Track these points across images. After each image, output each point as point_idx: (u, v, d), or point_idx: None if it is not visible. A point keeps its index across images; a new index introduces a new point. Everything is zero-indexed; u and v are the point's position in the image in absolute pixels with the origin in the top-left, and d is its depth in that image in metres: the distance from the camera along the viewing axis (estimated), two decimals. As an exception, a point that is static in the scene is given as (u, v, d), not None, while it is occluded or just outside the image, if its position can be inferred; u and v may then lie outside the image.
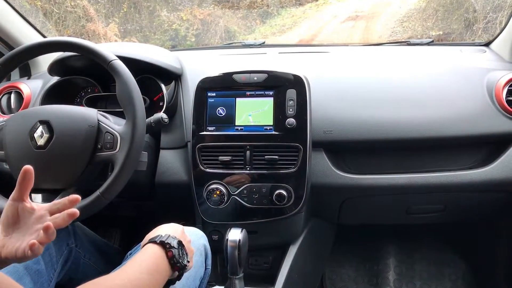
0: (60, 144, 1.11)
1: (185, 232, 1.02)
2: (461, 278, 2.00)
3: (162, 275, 0.83)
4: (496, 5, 3.82)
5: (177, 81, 1.53)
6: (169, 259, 0.85)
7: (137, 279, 0.75)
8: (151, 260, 0.82)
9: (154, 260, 0.83)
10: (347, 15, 6.20)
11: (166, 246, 0.86)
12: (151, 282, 0.78)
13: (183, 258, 0.88)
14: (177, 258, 0.86)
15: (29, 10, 3.31)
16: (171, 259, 0.85)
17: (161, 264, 0.83)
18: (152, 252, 0.84)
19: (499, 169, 1.41)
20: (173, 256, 0.85)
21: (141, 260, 0.82)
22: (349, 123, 1.42)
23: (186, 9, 5.68)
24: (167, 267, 0.84)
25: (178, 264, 0.86)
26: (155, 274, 0.80)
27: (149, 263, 0.81)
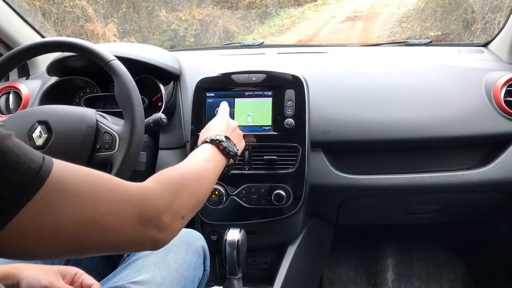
0: (58, 144, 1.11)
1: (183, 234, 1.10)
2: (460, 278, 2.00)
3: (219, 162, 1.00)
4: (495, 5, 3.82)
5: (176, 81, 1.53)
6: (221, 151, 1.02)
7: (201, 166, 0.92)
8: (207, 153, 0.99)
9: (209, 153, 1.00)
10: (346, 15, 6.21)
11: (216, 142, 1.02)
12: (210, 167, 0.95)
13: (232, 147, 1.06)
14: (228, 148, 1.03)
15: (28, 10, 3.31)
16: (223, 151, 1.02)
17: (215, 155, 1.01)
18: (206, 149, 1.01)
19: (497, 169, 1.42)
20: (224, 148, 1.02)
21: (199, 154, 0.99)
22: (348, 123, 1.42)
23: (185, 9, 5.68)
24: (221, 157, 1.02)
25: (230, 152, 1.04)
26: (212, 162, 0.97)
27: (206, 155, 0.99)
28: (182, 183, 0.80)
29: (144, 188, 0.72)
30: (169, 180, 0.78)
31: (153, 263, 1.02)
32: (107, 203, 0.65)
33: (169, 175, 0.80)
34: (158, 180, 0.77)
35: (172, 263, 1.03)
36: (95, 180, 0.66)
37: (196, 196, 0.84)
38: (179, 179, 0.80)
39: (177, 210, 0.75)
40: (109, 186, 0.67)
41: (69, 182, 0.61)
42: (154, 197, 0.72)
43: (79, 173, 0.65)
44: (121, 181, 0.69)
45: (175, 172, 0.84)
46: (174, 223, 0.74)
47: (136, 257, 1.05)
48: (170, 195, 0.75)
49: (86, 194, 0.62)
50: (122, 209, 0.66)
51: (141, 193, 0.70)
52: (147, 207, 0.70)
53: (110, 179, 0.68)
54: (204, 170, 0.91)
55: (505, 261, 1.80)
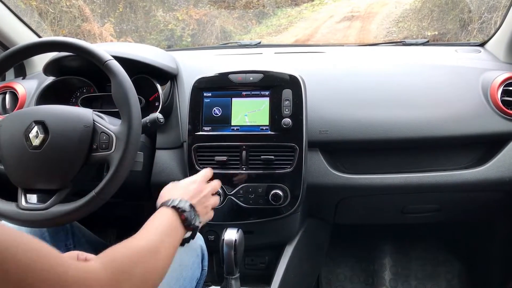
0: (55, 145, 1.11)
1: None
2: (457, 277, 2.01)
3: (178, 236, 0.90)
4: (491, 5, 3.83)
5: (173, 81, 1.53)
6: (182, 222, 0.92)
7: (158, 241, 0.82)
8: (167, 223, 0.89)
9: (169, 223, 0.90)
10: (343, 15, 6.22)
11: (179, 210, 0.93)
12: (169, 243, 0.85)
13: (195, 220, 0.96)
14: (190, 220, 0.93)
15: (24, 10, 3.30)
16: (184, 222, 0.92)
17: (175, 226, 0.91)
18: (166, 216, 0.91)
19: (494, 168, 1.42)
20: (185, 219, 0.93)
21: (158, 224, 0.88)
22: (345, 123, 1.42)
23: (182, 9, 5.68)
24: (181, 229, 0.92)
25: (191, 225, 0.94)
26: (172, 235, 0.88)
27: (165, 226, 0.88)
28: (133, 265, 0.71)
29: (88, 272, 0.64)
30: (118, 262, 0.70)
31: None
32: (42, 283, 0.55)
33: (119, 256, 0.71)
34: (106, 262, 0.68)
35: (170, 263, 1.03)
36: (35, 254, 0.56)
37: (151, 277, 0.75)
38: (130, 261, 0.72)
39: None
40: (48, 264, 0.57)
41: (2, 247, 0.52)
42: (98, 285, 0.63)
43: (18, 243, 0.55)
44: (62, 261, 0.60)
45: (127, 250, 0.74)
46: None
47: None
48: (119, 281, 0.67)
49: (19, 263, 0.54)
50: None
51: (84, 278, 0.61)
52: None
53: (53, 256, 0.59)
54: (161, 246, 0.82)
55: (502, 260, 1.81)
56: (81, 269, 0.62)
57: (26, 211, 1.10)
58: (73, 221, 1.26)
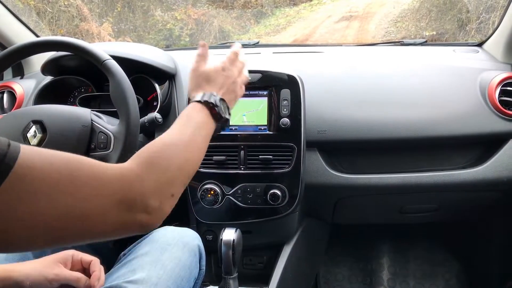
0: (53, 144, 1.10)
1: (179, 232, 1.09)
2: (455, 277, 2.01)
3: (209, 129, 0.93)
4: (489, 5, 3.84)
5: (171, 80, 1.53)
6: (213, 116, 0.94)
7: (190, 134, 0.85)
8: (198, 118, 0.91)
9: (201, 118, 0.91)
10: (341, 15, 6.22)
11: (210, 105, 0.93)
12: (201, 136, 0.88)
13: (225, 112, 0.97)
14: (220, 113, 0.94)
15: (22, 10, 3.30)
16: (214, 116, 0.94)
17: (207, 120, 0.92)
18: (198, 111, 0.92)
19: (491, 168, 1.42)
20: (216, 113, 0.94)
21: (190, 118, 0.90)
22: (343, 123, 1.42)
23: (180, 8, 5.67)
24: (212, 122, 0.94)
25: (222, 118, 0.95)
26: (203, 128, 0.90)
27: (197, 120, 0.90)
28: (168, 159, 0.75)
29: (126, 170, 0.68)
30: (154, 158, 0.73)
31: (149, 262, 1.02)
32: (86, 189, 0.61)
33: (153, 151, 0.75)
34: (141, 159, 0.72)
35: (168, 262, 1.03)
36: (71, 165, 0.61)
37: (185, 169, 0.79)
38: (165, 155, 0.75)
39: (164, 189, 0.71)
40: (87, 171, 0.63)
41: (40, 168, 0.57)
42: (137, 180, 0.67)
43: (52, 158, 0.60)
44: (100, 164, 0.65)
45: (161, 146, 0.78)
46: (163, 203, 0.71)
47: (132, 256, 1.05)
48: (155, 175, 0.70)
49: (61, 180, 0.59)
50: (103, 195, 0.63)
51: (122, 176, 0.66)
52: (131, 192, 0.66)
53: (88, 162, 0.64)
54: (193, 140, 0.85)
55: (499, 259, 1.81)
56: (120, 167, 0.68)
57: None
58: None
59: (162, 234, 1.11)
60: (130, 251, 1.10)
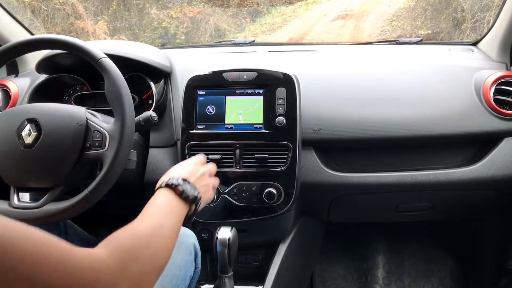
0: (48, 143, 1.10)
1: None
2: (449, 275, 2.02)
3: (178, 211, 0.90)
4: (484, 4, 3.85)
5: (167, 79, 1.52)
6: (179, 196, 0.92)
7: (157, 221, 0.82)
8: (164, 202, 0.90)
9: (166, 201, 0.90)
10: (337, 14, 6.22)
11: (172, 186, 0.93)
12: (170, 222, 0.85)
13: (193, 191, 0.96)
14: (187, 192, 0.93)
15: (17, 7, 3.28)
16: (180, 195, 0.92)
17: (173, 202, 0.91)
18: (162, 195, 0.92)
19: (486, 167, 1.43)
20: (182, 192, 0.93)
21: (156, 204, 0.89)
22: (338, 122, 1.42)
23: (176, 7, 5.66)
24: (180, 204, 0.92)
25: (189, 197, 0.94)
26: (171, 213, 0.88)
27: (163, 205, 0.89)
28: (138, 248, 0.72)
29: (97, 260, 0.64)
30: (123, 246, 0.70)
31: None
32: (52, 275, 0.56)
33: (122, 241, 0.72)
34: (110, 248, 0.68)
35: (163, 262, 1.03)
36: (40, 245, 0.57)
37: (156, 259, 0.76)
38: (135, 245, 0.72)
39: (135, 281, 0.68)
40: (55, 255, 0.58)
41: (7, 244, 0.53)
42: (107, 271, 0.64)
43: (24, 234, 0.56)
44: (69, 249, 0.61)
45: (129, 235, 0.75)
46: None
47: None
48: (126, 265, 0.67)
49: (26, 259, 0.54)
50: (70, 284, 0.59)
51: (92, 265, 0.62)
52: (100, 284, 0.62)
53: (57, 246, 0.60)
54: (161, 228, 0.81)
55: (494, 258, 1.82)
56: (89, 256, 0.63)
57: (18, 210, 1.10)
58: (66, 220, 1.25)
59: (157, 232, 1.11)
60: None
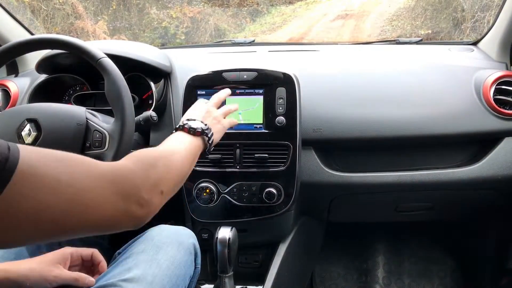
0: (48, 143, 1.10)
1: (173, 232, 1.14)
2: (449, 275, 2.02)
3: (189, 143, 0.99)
4: (484, 4, 3.85)
5: (167, 79, 1.52)
6: (187, 132, 1.01)
7: (171, 145, 0.94)
8: (176, 137, 1.00)
9: (176, 136, 1.00)
10: (337, 13, 6.21)
11: (180, 127, 1.02)
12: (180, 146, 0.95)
13: (198, 124, 1.03)
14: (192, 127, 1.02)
15: (17, 7, 3.28)
16: (189, 131, 1.01)
17: (183, 137, 1.00)
18: (173, 135, 1.01)
19: (486, 167, 1.43)
20: (189, 129, 1.01)
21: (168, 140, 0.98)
22: (338, 121, 1.42)
23: (176, 6, 5.65)
24: (190, 138, 1.00)
25: (197, 129, 1.02)
26: (182, 143, 0.97)
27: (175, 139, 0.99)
28: (155, 158, 0.82)
29: (119, 165, 0.74)
30: (142, 157, 0.80)
31: (144, 260, 1.02)
32: (84, 181, 0.65)
33: (141, 153, 0.82)
34: (131, 158, 0.78)
35: (163, 261, 1.03)
36: (67, 161, 0.66)
37: (172, 170, 0.85)
38: (152, 156, 0.82)
39: (154, 184, 0.76)
40: (82, 165, 0.67)
41: (40, 167, 0.60)
42: (129, 173, 0.73)
43: (50, 156, 0.64)
44: (94, 160, 0.70)
45: (149, 151, 0.86)
46: (153, 198, 0.75)
47: (127, 255, 1.05)
48: (145, 170, 0.76)
49: (61, 175, 0.62)
50: (100, 186, 0.67)
51: (116, 169, 0.72)
52: (124, 183, 0.71)
53: (83, 158, 0.69)
54: (174, 148, 0.93)
55: (494, 258, 1.82)
56: (115, 164, 0.74)
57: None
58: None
59: (157, 232, 1.11)
60: (126, 249, 1.10)
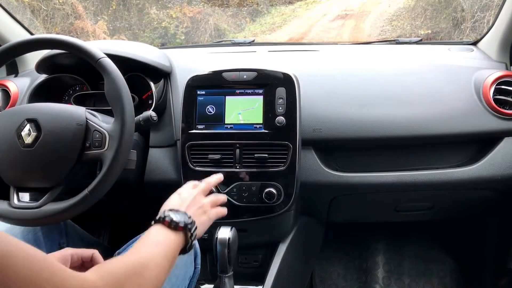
0: (48, 143, 1.10)
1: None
2: (449, 275, 2.02)
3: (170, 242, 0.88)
4: (484, 4, 3.85)
5: (166, 79, 1.52)
6: (168, 227, 0.89)
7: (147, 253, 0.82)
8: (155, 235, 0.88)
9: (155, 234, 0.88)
10: (337, 13, 6.22)
11: (160, 220, 0.91)
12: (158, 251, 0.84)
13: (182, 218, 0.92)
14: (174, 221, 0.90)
15: (17, 7, 3.28)
16: (169, 226, 0.89)
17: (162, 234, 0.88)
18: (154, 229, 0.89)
19: (486, 167, 1.43)
20: (170, 222, 0.90)
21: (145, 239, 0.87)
22: (338, 121, 1.42)
23: (176, 6, 5.66)
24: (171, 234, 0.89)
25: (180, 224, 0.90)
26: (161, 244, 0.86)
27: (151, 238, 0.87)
28: (128, 277, 0.74)
29: (86, 282, 0.66)
30: (112, 272, 0.73)
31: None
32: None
33: (112, 267, 0.75)
34: (100, 273, 0.71)
35: (163, 261, 1.03)
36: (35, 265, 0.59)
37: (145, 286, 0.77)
38: (123, 271, 0.74)
39: None
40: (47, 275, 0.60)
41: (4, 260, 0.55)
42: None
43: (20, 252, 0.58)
44: (62, 271, 0.63)
45: (119, 263, 0.77)
46: None
47: (127, 255, 1.04)
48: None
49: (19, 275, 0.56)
50: None
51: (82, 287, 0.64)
52: None
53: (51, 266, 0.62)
54: (150, 256, 0.82)
55: (493, 258, 1.82)
56: (79, 278, 0.64)
57: (18, 210, 1.10)
58: (66, 220, 1.25)
59: (156, 232, 1.10)
60: (125, 249, 1.10)
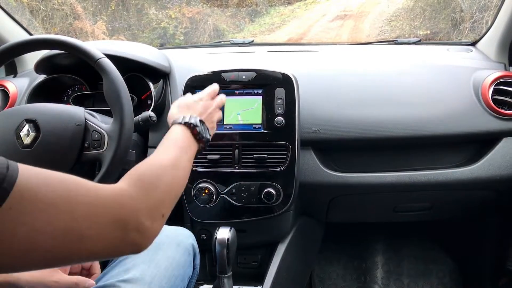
0: (46, 143, 1.10)
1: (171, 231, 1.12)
2: (448, 275, 2.02)
3: (192, 149, 0.97)
4: (483, 5, 3.85)
5: (165, 79, 1.52)
6: (195, 136, 0.99)
7: (176, 155, 0.89)
8: (182, 139, 0.96)
9: (184, 138, 0.96)
10: (336, 14, 6.22)
11: (191, 126, 0.99)
12: (186, 156, 0.92)
13: (206, 133, 1.02)
14: (202, 133, 1.00)
15: (15, 8, 3.27)
16: (196, 136, 0.99)
17: (189, 140, 0.97)
18: (180, 132, 0.97)
19: (485, 167, 1.43)
20: (198, 133, 0.99)
21: (173, 139, 0.95)
22: (337, 122, 1.43)
23: (175, 7, 5.65)
24: (194, 143, 0.99)
25: (203, 139, 1.00)
26: (187, 149, 0.95)
27: (180, 141, 0.95)
28: (157, 178, 0.78)
29: (119, 190, 0.69)
30: (143, 177, 0.75)
31: (143, 261, 1.02)
32: (82, 208, 0.62)
33: (142, 172, 0.77)
34: (131, 179, 0.74)
35: (162, 261, 1.03)
36: (67, 186, 0.63)
37: (174, 189, 0.82)
38: (154, 175, 0.78)
39: (155, 208, 0.73)
40: (82, 191, 0.64)
41: (38, 189, 0.58)
42: (129, 199, 0.69)
43: (50, 178, 0.61)
44: (94, 185, 0.66)
45: (149, 166, 0.81)
46: (154, 223, 0.72)
47: (126, 255, 1.05)
48: (146, 194, 0.73)
49: (59, 201, 0.59)
50: (98, 214, 0.63)
51: (116, 196, 0.68)
52: (124, 211, 0.67)
53: (82, 183, 0.65)
54: (179, 160, 0.88)
55: (492, 258, 1.82)
56: (113, 189, 0.69)
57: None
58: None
59: (156, 233, 1.11)
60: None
